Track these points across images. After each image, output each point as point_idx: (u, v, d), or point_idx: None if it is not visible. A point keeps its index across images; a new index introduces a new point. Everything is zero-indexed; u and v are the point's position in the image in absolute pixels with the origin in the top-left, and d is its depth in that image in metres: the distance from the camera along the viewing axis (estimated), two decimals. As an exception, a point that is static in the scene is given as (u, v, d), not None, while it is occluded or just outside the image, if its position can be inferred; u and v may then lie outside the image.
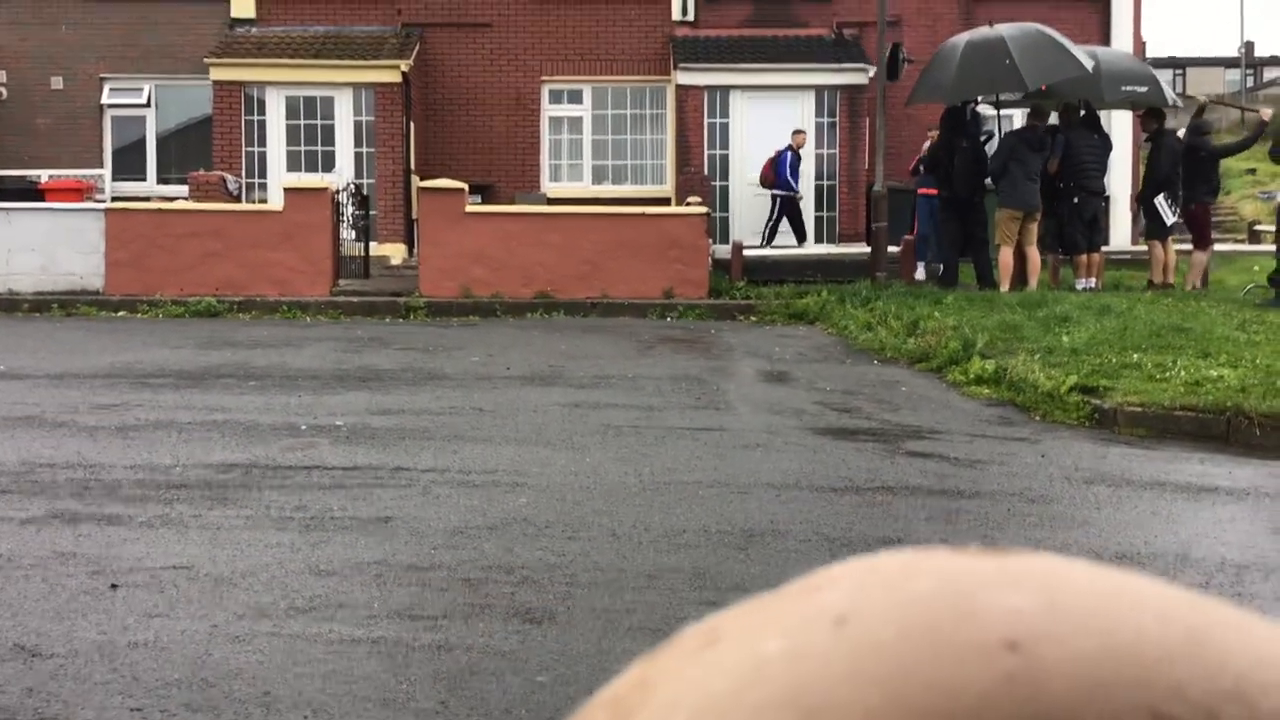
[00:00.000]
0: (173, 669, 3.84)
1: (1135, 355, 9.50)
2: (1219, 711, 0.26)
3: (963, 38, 15.52)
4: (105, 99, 20.50)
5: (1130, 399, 8.29)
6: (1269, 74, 39.67)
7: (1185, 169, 15.09)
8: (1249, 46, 39.58)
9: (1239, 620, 0.29)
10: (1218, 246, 19.72)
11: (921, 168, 16.89)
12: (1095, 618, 0.28)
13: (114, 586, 4.61)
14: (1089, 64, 14.55)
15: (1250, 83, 38.34)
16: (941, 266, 15.74)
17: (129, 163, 20.62)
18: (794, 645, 0.28)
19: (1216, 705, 0.27)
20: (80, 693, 3.66)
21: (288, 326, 13.49)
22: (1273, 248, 14.34)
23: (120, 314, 14.43)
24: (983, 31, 15.34)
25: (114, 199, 18.40)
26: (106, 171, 20.29)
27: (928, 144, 16.73)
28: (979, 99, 15.61)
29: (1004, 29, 15.12)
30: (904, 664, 0.27)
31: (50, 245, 15.30)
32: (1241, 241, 23.96)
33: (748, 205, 19.31)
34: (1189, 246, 16.22)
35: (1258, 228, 23.81)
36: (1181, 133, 15.80)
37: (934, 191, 15.91)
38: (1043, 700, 0.26)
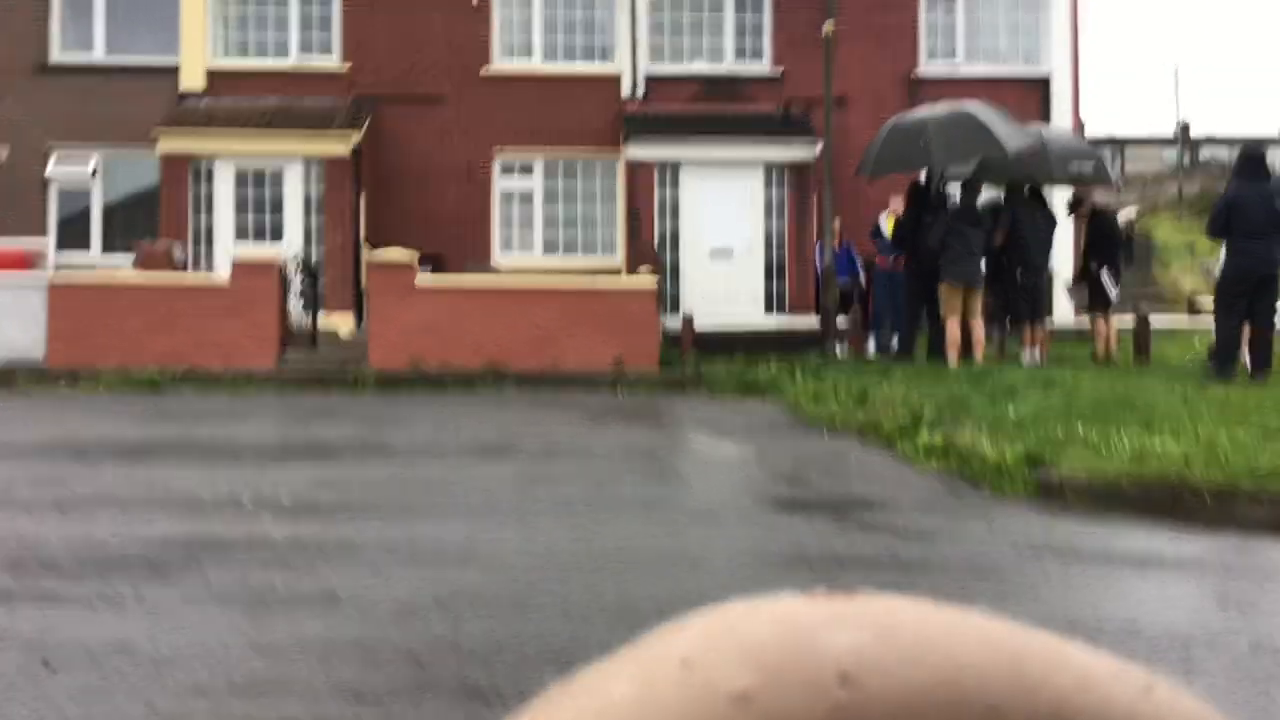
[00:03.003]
0: (107, 751, 3.72)
1: (1080, 427, 9.60)
2: None
3: (901, 115, 16.26)
4: (51, 169, 20.36)
5: (1076, 471, 8.36)
6: (1204, 153, 40.71)
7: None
8: (1185, 127, 40.63)
9: (1059, 648, 0.30)
10: (1162, 321, 20.08)
11: (881, 236, 17.19)
12: (922, 650, 0.29)
13: (49, 666, 4.48)
14: (1013, 146, 15.03)
15: (1186, 161, 39.31)
16: (895, 337, 15.95)
17: (74, 233, 20.45)
18: (640, 690, 0.29)
19: None
20: (10, 777, 3.54)
21: (233, 399, 13.34)
22: (1210, 320, 14.61)
23: (61, 386, 14.21)
24: (917, 111, 16.11)
25: (58, 268, 18.21)
26: (51, 241, 20.10)
27: (883, 216, 17.04)
28: (942, 175, 16.02)
29: (936, 109, 15.76)
30: (743, 701, 0.28)
31: (-9, 316, 15.08)
32: (1182, 314, 24.41)
33: (698, 277, 19.43)
34: (1132, 320, 16.50)
35: (1197, 299, 24.27)
36: (1125, 212, 16.21)
37: (896, 269, 16.27)
38: None
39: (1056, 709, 0.28)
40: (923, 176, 16.10)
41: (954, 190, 16.43)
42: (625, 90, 20.82)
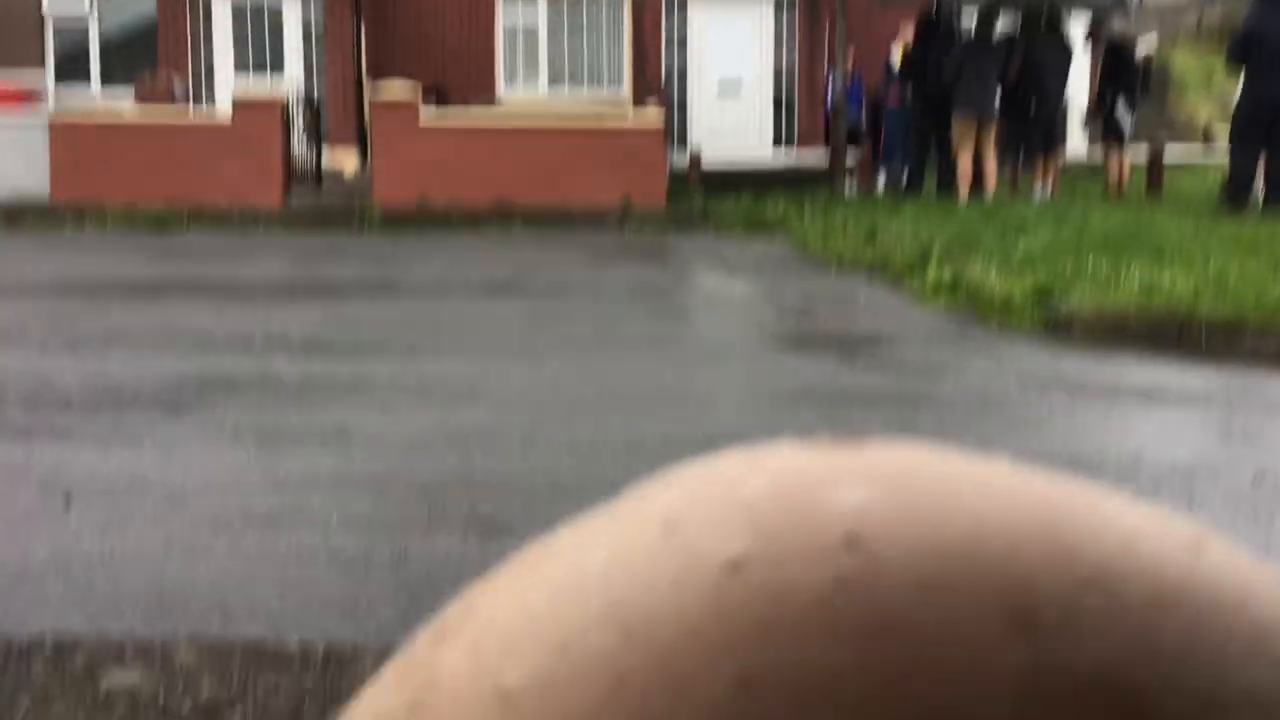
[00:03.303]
0: (128, 581, 3.82)
1: (1090, 262, 9.56)
2: (1078, 600, 0.24)
3: None
4: (46, 6, 19.92)
5: (1084, 306, 8.35)
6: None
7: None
8: (1208, -49, 39.35)
9: (1100, 503, 0.27)
10: (1175, 153, 19.80)
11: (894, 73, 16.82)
12: (941, 509, 0.25)
13: (67, 500, 4.57)
14: None
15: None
16: (905, 172, 15.75)
17: (73, 69, 20.11)
18: (618, 556, 0.26)
19: (1075, 594, 0.24)
20: (35, 607, 3.64)
21: (239, 237, 13.30)
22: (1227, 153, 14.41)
23: (67, 224, 14.16)
24: None
25: (58, 106, 17.96)
26: (49, 78, 19.79)
27: (895, 47, 16.64)
28: (952, 6, 15.56)
29: None
30: (733, 569, 0.25)
31: (-8, 155, 14.96)
32: (1198, 147, 24.06)
33: (706, 112, 19.13)
34: (1145, 153, 16.28)
35: (1213, 132, 23.90)
36: (1145, 41, 15.83)
37: (897, 98, 15.94)
38: (878, 601, 0.24)
39: (1098, 575, 0.25)
40: (934, 8, 15.64)
41: (965, 23, 16.01)
42: (631, -84, 20.16)
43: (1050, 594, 0.24)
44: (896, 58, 16.80)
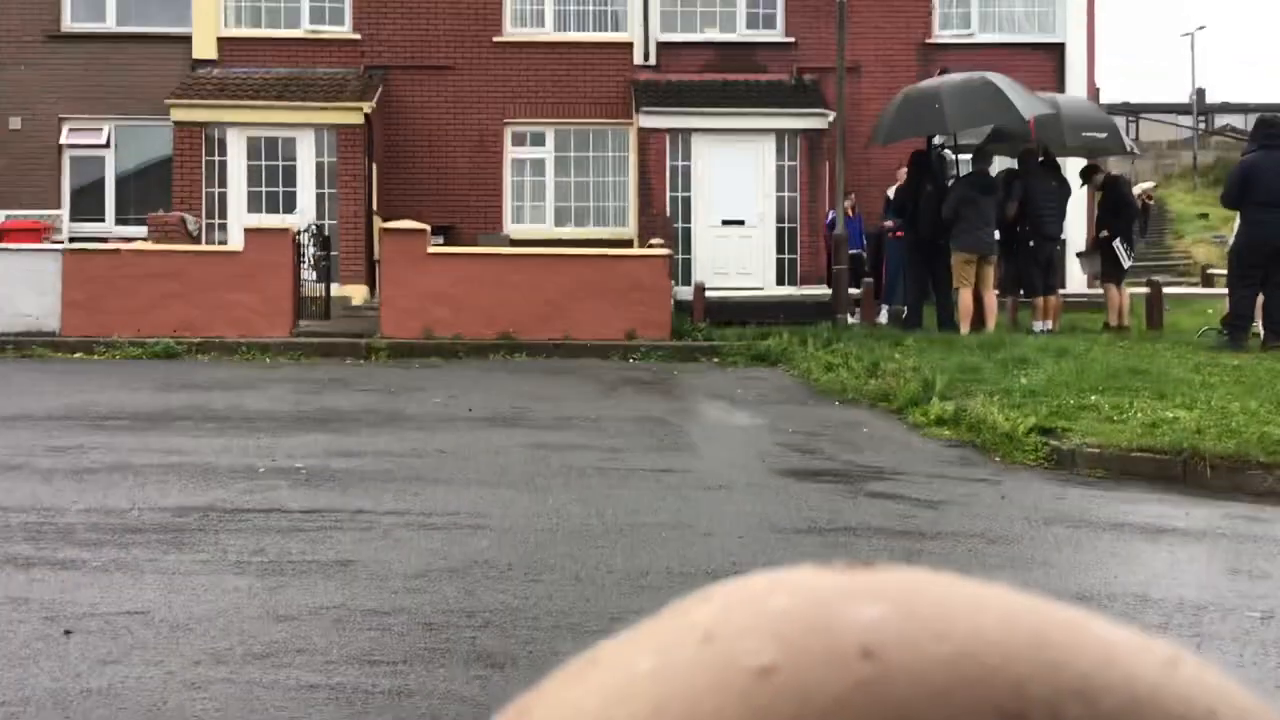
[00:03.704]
0: (127, 717, 3.77)
1: (1093, 397, 9.59)
2: (1062, 708, 0.28)
3: (913, 85, 16.08)
4: (64, 139, 20.38)
5: (1088, 440, 8.36)
6: (1219, 120, 40.39)
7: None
8: (1200, 94, 40.30)
9: (1087, 624, 0.30)
10: (1174, 289, 20.02)
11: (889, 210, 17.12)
12: (945, 624, 0.29)
13: (67, 633, 4.54)
14: (1029, 114, 14.82)
15: (1202, 128, 39.01)
16: (904, 308, 15.88)
17: (88, 204, 20.49)
18: (662, 663, 0.29)
19: (1059, 702, 0.28)
20: (31, 742, 3.59)
21: (247, 368, 13.39)
22: (1224, 291, 14.57)
23: (76, 355, 14.28)
24: (932, 79, 15.89)
25: (72, 239, 18.26)
26: (65, 212, 20.15)
27: (894, 188, 16.95)
28: (941, 144, 15.88)
29: (951, 76, 15.60)
30: (765, 675, 0.28)
31: (6, 286, 15.14)
32: (1195, 285, 24.32)
33: (710, 247, 19.40)
34: (1145, 289, 16.46)
35: (1210, 271, 24.17)
36: (1141, 187, 16.15)
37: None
38: (891, 704, 0.28)
39: (1081, 684, 0.28)
40: (932, 142, 16.00)
41: (956, 157, 16.33)
42: (637, 58, 20.72)
43: (1038, 700, 0.28)
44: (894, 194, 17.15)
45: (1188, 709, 0.28)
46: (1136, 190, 16.81)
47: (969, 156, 15.64)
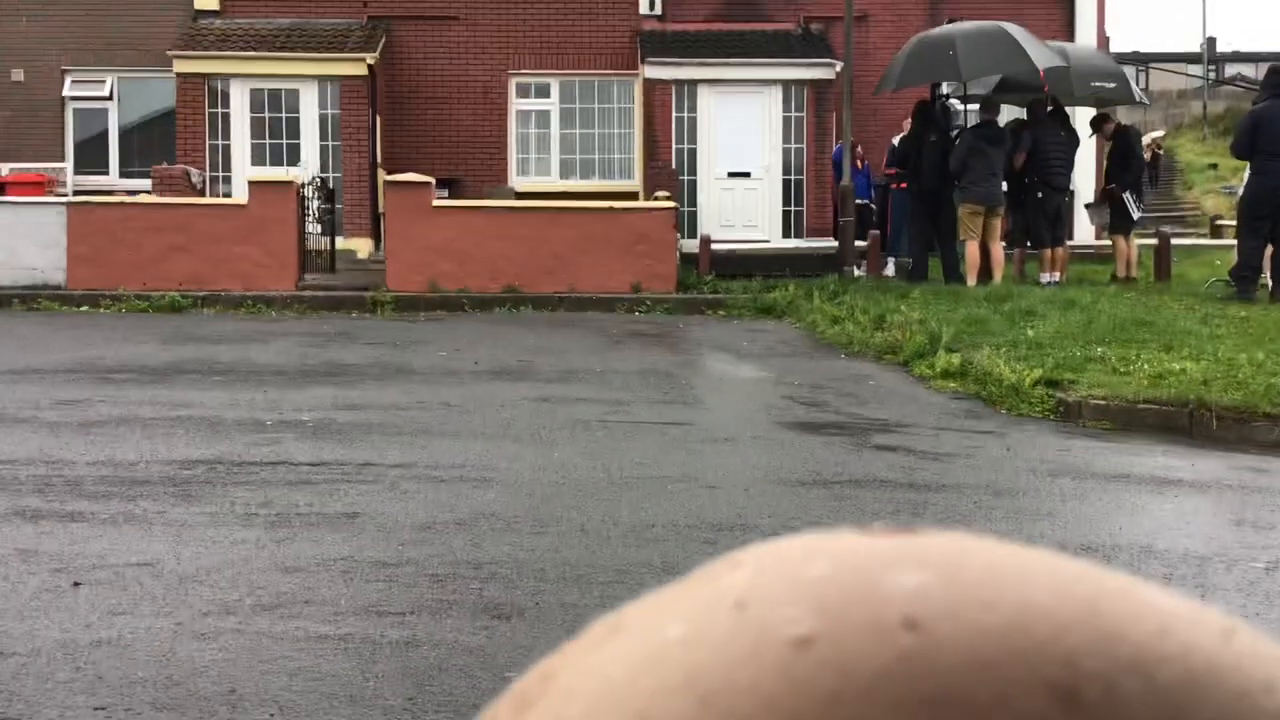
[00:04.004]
0: (137, 667, 3.80)
1: (1099, 349, 9.58)
2: (1116, 682, 0.27)
3: (926, 31, 15.73)
4: (67, 91, 20.29)
5: (1094, 392, 8.36)
6: (1229, 70, 40.07)
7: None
8: (1210, 42, 39.95)
9: (1140, 592, 0.29)
10: (1183, 240, 19.93)
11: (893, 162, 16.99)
12: (992, 593, 0.28)
13: (76, 584, 4.57)
14: (1042, 65, 14.55)
15: (1212, 78, 38.70)
16: (910, 261, 15.82)
17: (91, 156, 20.42)
18: (693, 630, 0.28)
19: (1113, 676, 0.27)
20: (43, 692, 3.62)
21: (253, 321, 13.40)
22: (1233, 242, 14.50)
23: (83, 309, 14.29)
24: (944, 27, 15.55)
25: (76, 193, 18.21)
26: (69, 165, 20.09)
27: (899, 137, 16.82)
28: (947, 93, 15.72)
29: (963, 24, 15.30)
30: (802, 645, 0.27)
31: (11, 239, 15.12)
32: (1204, 236, 24.21)
33: (715, 199, 19.32)
34: (1153, 240, 16.39)
35: (1219, 222, 24.06)
36: (1150, 137, 16.02)
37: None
38: (937, 677, 0.26)
39: (1135, 656, 0.27)
40: (936, 92, 15.84)
41: (965, 107, 16.19)
42: (643, 8, 20.54)
43: (1092, 674, 0.27)
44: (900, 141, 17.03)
45: (1245, 681, 0.28)
46: (1146, 140, 16.71)
47: (975, 107, 15.49)
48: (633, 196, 18.88)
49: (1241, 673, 0.28)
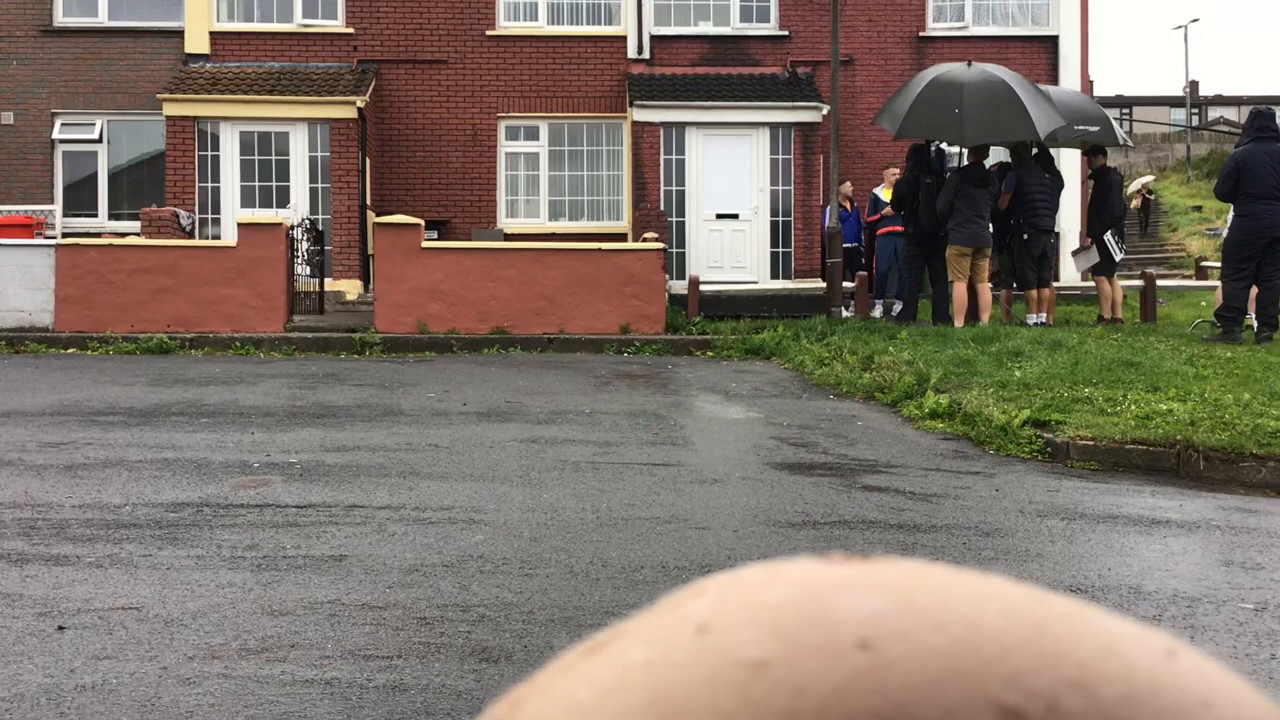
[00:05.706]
0: (121, 712, 3.77)
1: (1086, 389, 9.61)
2: (1060, 699, 0.28)
3: (934, 71, 15.18)
4: (57, 134, 20.33)
5: (1082, 433, 8.38)
6: (1213, 113, 40.48)
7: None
8: (1193, 86, 40.36)
9: (1086, 615, 0.30)
10: (1167, 282, 20.05)
11: (882, 207, 17.10)
12: (942, 616, 0.29)
13: (61, 628, 4.53)
14: (1044, 131, 14.36)
15: (1195, 121, 39.09)
16: (899, 303, 15.88)
17: (80, 199, 20.44)
18: (657, 654, 0.29)
19: (1057, 693, 0.28)
20: (25, 737, 3.58)
21: (241, 363, 13.37)
22: (1218, 283, 14.58)
23: (70, 351, 14.25)
24: (954, 71, 14.89)
25: (65, 235, 18.21)
26: (57, 207, 20.10)
27: (880, 188, 16.95)
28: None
29: (973, 75, 14.54)
30: (760, 667, 0.28)
31: (-1, 281, 15.11)
32: (1188, 278, 24.35)
33: (704, 240, 19.39)
34: (1138, 282, 16.47)
35: (1204, 263, 24.21)
36: (1140, 182, 16.14)
37: (897, 229, 16.13)
38: (887, 695, 0.27)
39: (1078, 675, 0.28)
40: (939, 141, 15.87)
41: (955, 150, 16.26)
42: (631, 52, 20.70)
43: (1035, 691, 0.28)
44: (883, 196, 17.12)
45: (1185, 699, 0.29)
46: (1136, 185, 16.83)
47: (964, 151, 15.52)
48: (621, 238, 18.96)
49: (1181, 690, 0.29)
